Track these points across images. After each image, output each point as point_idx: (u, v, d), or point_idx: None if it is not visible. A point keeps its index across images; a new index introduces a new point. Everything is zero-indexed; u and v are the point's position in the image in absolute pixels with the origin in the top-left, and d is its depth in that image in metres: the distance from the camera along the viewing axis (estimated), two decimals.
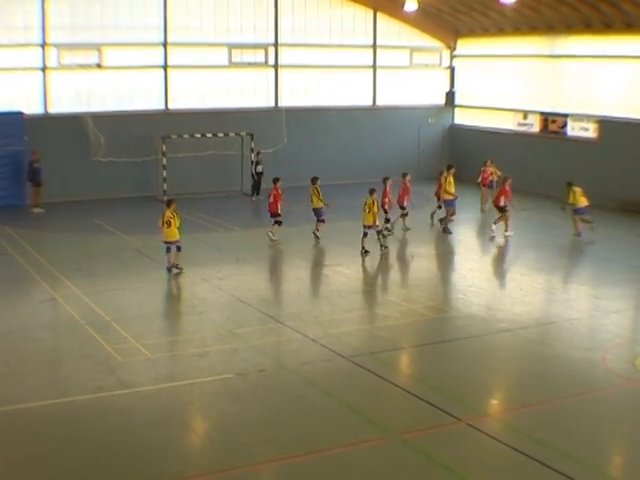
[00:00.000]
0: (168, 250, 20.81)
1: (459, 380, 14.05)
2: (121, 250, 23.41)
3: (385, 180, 24.98)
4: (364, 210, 22.76)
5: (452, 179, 26.19)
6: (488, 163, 30.31)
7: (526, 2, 30.52)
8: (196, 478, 10.76)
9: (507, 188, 25.39)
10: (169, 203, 21.18)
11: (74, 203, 30.03)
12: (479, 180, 30.24)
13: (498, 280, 21.76)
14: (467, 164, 36.26)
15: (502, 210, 25.17)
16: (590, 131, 31.71)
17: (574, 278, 20.89)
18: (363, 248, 22.57)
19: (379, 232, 23.10)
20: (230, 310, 17.99)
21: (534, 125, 34.31)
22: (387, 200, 24.83)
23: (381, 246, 23.11)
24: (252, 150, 32.70)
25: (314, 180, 24.75)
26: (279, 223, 24.38)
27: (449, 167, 26.75)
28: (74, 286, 19.50)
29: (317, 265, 22.52)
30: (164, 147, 31.39)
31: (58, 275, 20.55)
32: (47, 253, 22.98)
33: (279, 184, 24.51)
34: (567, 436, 11.83)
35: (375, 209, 22.63)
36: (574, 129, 32.47)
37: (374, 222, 22.63)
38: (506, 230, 25.20)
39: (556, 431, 11.99)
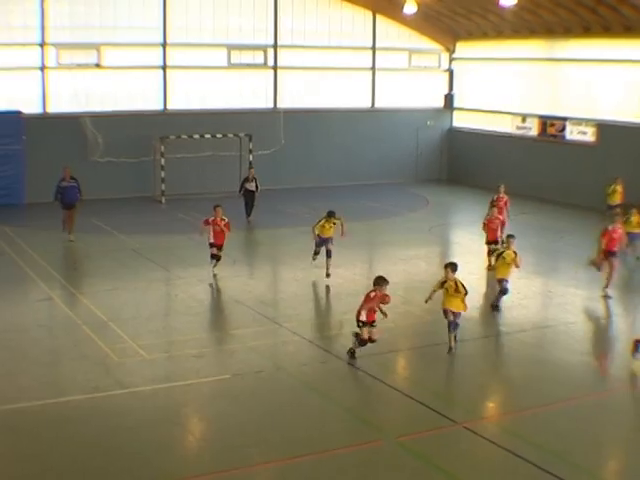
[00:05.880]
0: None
1: (456, 383, 14.06)
2: (118, 250, 23.40)
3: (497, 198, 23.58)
4: (445, 291, 15.73)
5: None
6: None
7: (525, 5, 30.52)
8: (192, 479, 10.73)
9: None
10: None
11: None
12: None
13: (495, 283, 21.69)
14: (465, 167, 36.42)
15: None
16: (588, 135, 31.72)
17: (571, 282, 20.86)
18: (453, 344, 15.56)
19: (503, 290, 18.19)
20: (227, 311, 17.98)
21: (532, 128, 34.31)
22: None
23: (497, 306, 18.35)
24: (250, 151, 32.64)
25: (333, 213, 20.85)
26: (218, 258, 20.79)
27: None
28: (71, 286, 19.49)
29: (314, 267, 22.48)
30: (162, 148, 31.39)
31: (55, 275, 20.54)
32: (44, 253, 22.95)
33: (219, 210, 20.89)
34: (563, 440, 11.83)
35: (462, 290, 15.62)
36: (572, 133, 32.48)
37: (464, 307, 15.77)
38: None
39: (552, 435, 11.99)
